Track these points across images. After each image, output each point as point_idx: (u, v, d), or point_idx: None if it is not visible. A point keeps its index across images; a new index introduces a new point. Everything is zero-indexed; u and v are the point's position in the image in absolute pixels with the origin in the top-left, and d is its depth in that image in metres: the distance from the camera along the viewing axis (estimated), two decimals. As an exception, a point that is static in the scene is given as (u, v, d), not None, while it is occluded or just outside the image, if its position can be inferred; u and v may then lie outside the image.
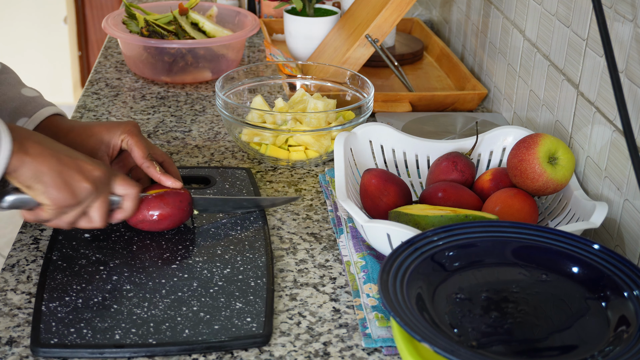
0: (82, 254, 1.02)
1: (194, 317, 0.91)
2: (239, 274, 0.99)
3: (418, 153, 1.20)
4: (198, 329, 0.89)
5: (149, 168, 1.07)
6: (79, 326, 0.89)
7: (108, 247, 1.04)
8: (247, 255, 1.03)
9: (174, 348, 0.86)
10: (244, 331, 0.89)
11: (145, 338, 0.87)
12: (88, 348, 0.86)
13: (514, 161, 1.06)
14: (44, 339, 0.87)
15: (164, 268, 1.00)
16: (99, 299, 0.94)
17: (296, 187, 1.23)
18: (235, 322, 0.90)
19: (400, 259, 0.87)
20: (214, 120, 1.45)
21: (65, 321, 0.90)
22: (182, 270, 1.00)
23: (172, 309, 0.92)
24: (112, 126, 1.09)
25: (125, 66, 1.71)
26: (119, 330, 0.88)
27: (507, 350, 0.79)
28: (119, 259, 1.01)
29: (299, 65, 1.51)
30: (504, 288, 0.88)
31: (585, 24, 1.11)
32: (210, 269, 1.00)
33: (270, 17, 1.98)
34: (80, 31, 3.95)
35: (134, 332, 0.88)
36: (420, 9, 2.06)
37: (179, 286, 0.96)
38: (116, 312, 0.91)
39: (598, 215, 0.97)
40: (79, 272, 0.98)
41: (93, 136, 1.08)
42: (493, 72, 1.53)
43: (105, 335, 0.88)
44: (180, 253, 1.03)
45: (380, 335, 0.89)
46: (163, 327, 0.89)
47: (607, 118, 1.04)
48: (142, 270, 0.99)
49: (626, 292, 0.85)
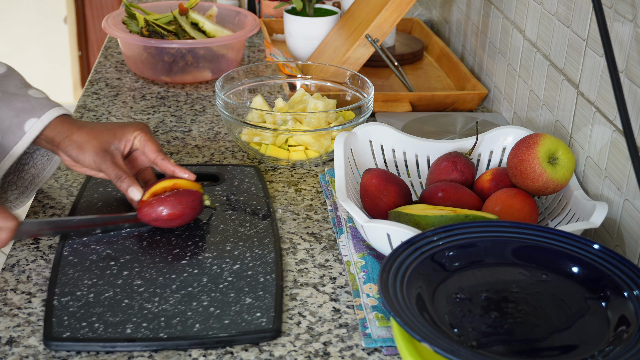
0: (93, 250, 1.03)
1: (204, 312, 0.92)
2: (248, 269, 1.00)
3: (418, 153, 1.20)
4: (208, 324, 0.90)
5: (164, 160, 1.11)
6: (90, 320, 0.90)
7: (118, 242, 1.05)
8: (256, 252, 1.04)
9: (184, 342, 0.87)
10: (254, 326, 0.90)
11: (157, 332, 0.88)
12: (100, 342, 0.87)
13: (514, 161, 1.06)
14: (57, 333, 0.88)
15: (174, 263, 1.01)
16: (110, 293, 0.95)
17: (296, 187, 1.23)
18: (245, 317, 0.91)
19: (400, 259, 0.87)
20: (214, 120, 1.45)
21: (77, 315, 0.91)
22: (192, 266, 1.00)
23: (182, 303, 0.93)
24: (125, 124, 1.13)
25: (125, 66, 1.71)
26: (130, 325, 0.89)
27: (507, 350, 0.79)
28: (129, 255, 1.02)
29: (299, 65, 1.51)
30: (504, 288, 0.88)
31: (585, 24, 1.11)
32: (220, 265, 1.01)
33: (270, 17, 1.98)
34: (80, 31, 3.95)
35: (145, 326, 0.89)
36: (420, 9, 2.06)
37: (189, 281, 0.97)
38: (127, 307, 0.92)
39: (598, 215, 0.97)
40: (90, 267, 0.99)
41: (106, 131, 1.11)
42: (493, 72, 1.53)
43: (117, 329, 0.89)
44: (189, 249, 1.04)
45: (380, 335, 0.89)
46: (174, 322, 0.90)
47: (607, 118, 1.04)
48: (152, 266, 1.00)
49: (626, 292, 0.85)
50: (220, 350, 0.88)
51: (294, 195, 1.21)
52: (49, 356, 0.86)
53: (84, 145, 1.09)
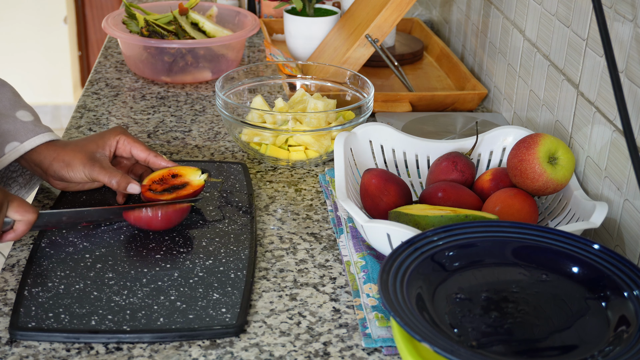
0: (70, 242, 1.04)
1: (170, 306, 0.92)
2: (220, 265, 1.01)
3: (418, 153, 1.20)
4: (172, 318, 0.91)
5: (157, 157, 1.14)
6: (57, 311, 0.91)
7: (96, 236, 1.06)
8: (231, 248, 1.04)
9: (146, 335, 0.88)
10: (218, 321, 0.90)
11: (120, 325, 0.89)
12: (64, 332, 0.88)
13: (514, 161, 1.06)
14: (22, 323, 0.89)
15: (147, 258, 1.02)
16: (81, 285, 0.95)
17: (296, 187, 1.23)
18: (210, 312, 0.92)
19: (400, 259, 0.87)
20: (214, 120, 1.45)
21: (45, 306, 0.92)
22: (165, 261, 1.01)
23: (150, 297, 0.94)
24: (103, 132, 1.17)
25: (125, 66, 1.71)
26: (95, 317, 0.90)
27: (507, 350, 0.79)
28: (105, 248, 1.03)
29: (299, 65, 1.51)
30: (504, 288, 0.88)
31: (585, 24, 1.11)
32: (193, 260, 1.01)
33: (270, 17, 1.98)
34: (80, 31, 3.95)
35: (110, 318, 0.90)
36: (420, 9, 2.06)
37: (160, 276, 0.98)
38: (95, 299, 0.93)
39: (598, 215, 0.97)
40: (65, 259, 1.00)
41: (89, 143, 1.14)
42: (493, 72, 1.53)
43: (82, 321, 0.89)
44: (165, 244, 1.05)
45: (380, 335, 0.89)
46: (139, 315, 0.91)
47: (607, 118, 1.04)
48: (126, 260, 1.01)
49: (626, 292, 0.85)
50: (220, 350, 0.88)
51: (294, 195, 1.21)
52: (49, 356, 0.86)
53: (71, 162, 1.10)
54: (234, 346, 0.89)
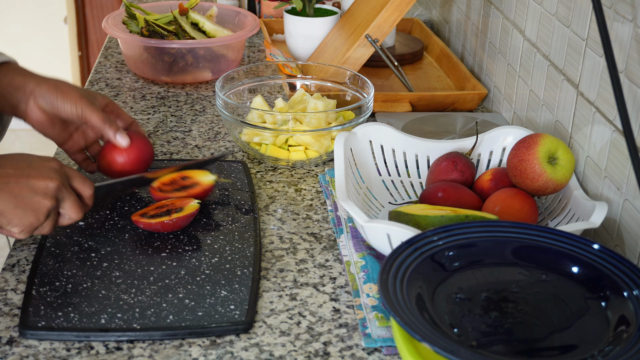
0: (75, 241, 1.04)
1: (179, 304, 0.93)
2: (226, 263, 1.01)
3: (418, 153, 1.20)
4: (182, 315, 0.91)
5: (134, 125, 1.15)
6: (66, 310, 0.91)
7: (101, 235, 1.06)
8: (235, 245, 1.05)
9: (157, 333, 0.88)
10: (227, 318, 0.91)
11: (130, 323, 0.89)
12: (74, 331, 0.88)
13: (514, 161, 1.06)
14: (32, 322, 0.89)
15: (153, 256, 1.02)
16: (88, 284, 0.96)
17: (296, 187, 1.23)
18: (218, 309, 0.92)
19: (400, 259, 0.87)
20: (214, 120, 1.45)
21: (53, 305, 0.92)
22: (171, 259, 1.01)
23: (158, 295, 0.94)
24: None
25: (125, 66, 1.71)
26: (105, 315, 0.90)
27: (507, 350, 0.79)
28: (110, 247, 1.03)
29: (299, 65, 1.51)
30: (504, 288, 0.88)
31: (585, 24, 1.11)
32: (199, 258, 1.02)
33: (270, 17, 1.98)
34: (80, 31, 3.95)
35: (119, 317, 0.90)
36: (420, 9, 2.06)
37: (167, 274, 0.98)
38: (104, 298, 0.93)
39: (598, 215, 0.97)
40: (71, 258, 1.01)
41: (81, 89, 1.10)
42: (493, 72, 1.53)
43: (92, 320, 0.90)
44: (170, 242, 1.05)
45: (380, 335, 0.90)
46: (148, 313, 0.91)
47: (607, 118, 1.04)
48: (132, 258, 1.01)
49: (626, 292, 0.85)
50: (220, 350, 0.88)
51: (294, 195, 1.21)
52: (49, 356, 0.86)
53: (66, 91, 1.05)
54: (234, 346, 0.89)
